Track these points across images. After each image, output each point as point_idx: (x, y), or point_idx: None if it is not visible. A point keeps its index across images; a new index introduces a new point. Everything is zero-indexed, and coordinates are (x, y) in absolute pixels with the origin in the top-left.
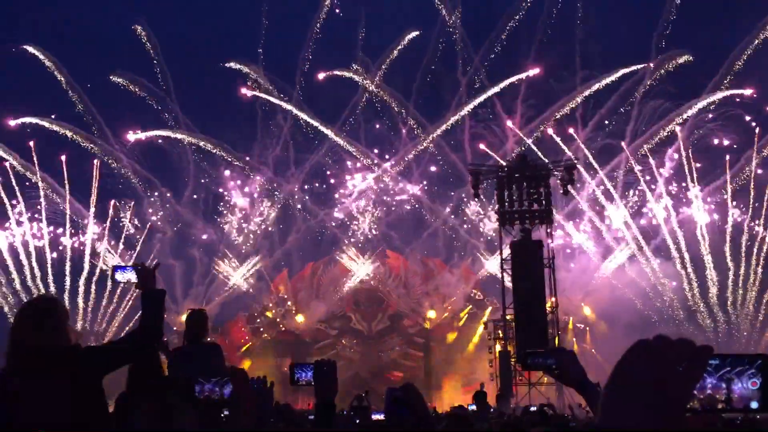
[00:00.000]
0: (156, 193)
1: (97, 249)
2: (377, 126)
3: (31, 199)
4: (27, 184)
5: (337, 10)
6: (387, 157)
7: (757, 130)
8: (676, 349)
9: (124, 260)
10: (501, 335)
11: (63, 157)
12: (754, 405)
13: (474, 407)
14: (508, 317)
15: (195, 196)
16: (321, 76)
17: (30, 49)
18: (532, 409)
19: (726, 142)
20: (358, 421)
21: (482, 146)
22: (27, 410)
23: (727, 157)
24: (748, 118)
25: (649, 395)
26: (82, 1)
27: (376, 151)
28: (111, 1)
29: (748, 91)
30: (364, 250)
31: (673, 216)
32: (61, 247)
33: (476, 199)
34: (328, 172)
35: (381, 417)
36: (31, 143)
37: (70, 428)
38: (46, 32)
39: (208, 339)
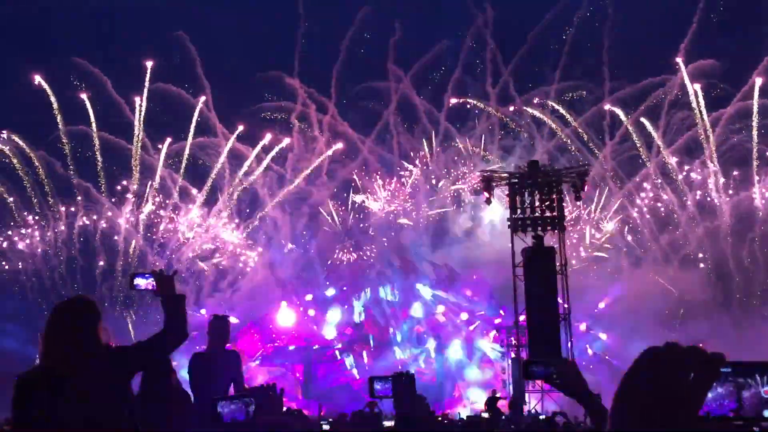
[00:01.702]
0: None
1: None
2: (408, 136)
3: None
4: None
5: (366, 35)
6: (418, 166)
7: None
8: (687, 357)
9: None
10: (514, 342)
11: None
12: (767, 413)
13: (486, 414)
14: (520, 324)
15: (228, 204)
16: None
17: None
18: (542, 417)
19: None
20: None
21: (491, 157)
22: (58, 409)
23: (755, 164)
24: None
25: (659, 403)
26: (121, 11)
27: (407, 160)
28: (152, 13)
29: None
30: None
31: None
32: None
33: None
34: (360, 182)
35: (392, 424)
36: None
37: (100, 427)
38: (86, 43)
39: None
